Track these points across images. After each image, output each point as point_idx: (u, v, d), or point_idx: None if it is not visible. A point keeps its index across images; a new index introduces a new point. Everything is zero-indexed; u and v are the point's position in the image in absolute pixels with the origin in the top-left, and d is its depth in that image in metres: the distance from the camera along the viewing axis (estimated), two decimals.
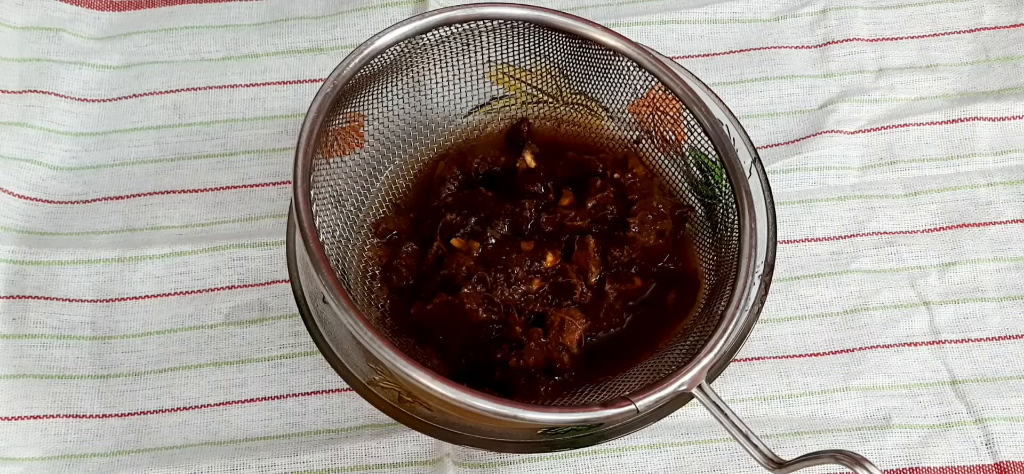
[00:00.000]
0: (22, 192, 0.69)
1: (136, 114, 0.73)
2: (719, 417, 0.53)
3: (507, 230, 0.61)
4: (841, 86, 0.73)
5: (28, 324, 0.65)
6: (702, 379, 0.53)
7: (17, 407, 0.63)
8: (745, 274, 0.56)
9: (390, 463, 0.61)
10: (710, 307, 0.58)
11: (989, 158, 0.70)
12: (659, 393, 0.52)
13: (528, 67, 0.65)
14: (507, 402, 0.51)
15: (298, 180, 0.55)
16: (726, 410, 0.53)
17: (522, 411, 0.51)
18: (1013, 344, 0.65)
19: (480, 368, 0.58)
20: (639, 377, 0.57)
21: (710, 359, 0.54)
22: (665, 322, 0.60)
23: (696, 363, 0.53)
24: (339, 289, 0.52)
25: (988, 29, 0.74)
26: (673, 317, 0.60)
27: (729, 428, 0.53)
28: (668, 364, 0.56)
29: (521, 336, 0.58)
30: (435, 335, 0.59)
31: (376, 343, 0.51)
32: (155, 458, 0.62)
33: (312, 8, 0.76)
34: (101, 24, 0.76)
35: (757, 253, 0.57)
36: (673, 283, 0.61)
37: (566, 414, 0.52)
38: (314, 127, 0.56)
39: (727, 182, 0.60)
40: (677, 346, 0.58)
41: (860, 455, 0.49)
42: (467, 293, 0.58)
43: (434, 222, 0.61)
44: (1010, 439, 0.62)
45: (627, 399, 0.52)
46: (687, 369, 0.53)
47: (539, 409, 0.52)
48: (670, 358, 0.57)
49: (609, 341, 0.60)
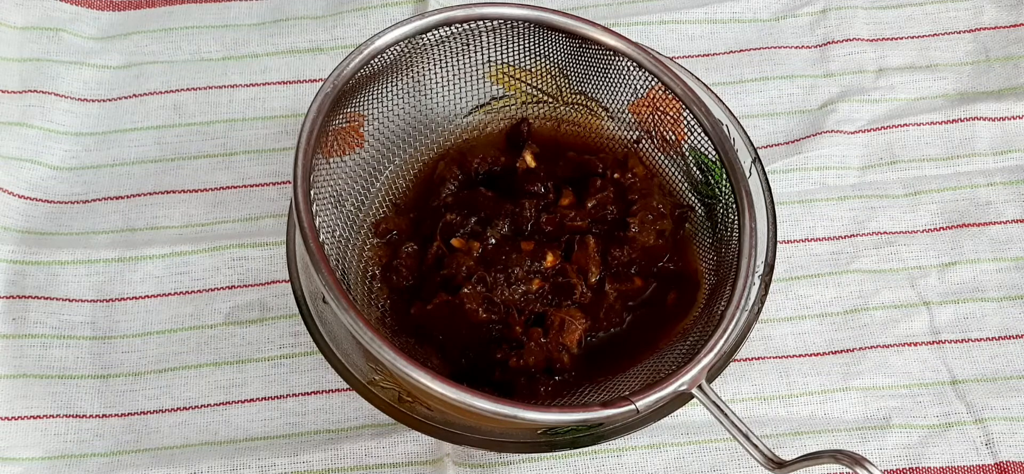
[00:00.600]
0: (22, 192, 0.69)
1: (136, 114, 0.73)
2: (719, 417, 0.53)
3: (507, 230, 0.61)
4: (841, 86, 0.73)
5: (28, 324, 0.65)
6: (702, 379, 0.53)
7: (17, 407, 0.63)
8: (745, 274, 0.56)
9: (390, 463, 0.61)
10: (710, 307, 0.58)
11: (989, 158, 0.70)
12: (659, 393, 0.52)
13: (528, 67, 0.65)
14: (507, 402, 0.51)
15: (298, 180, 0.55)
16: (726, 410, 0.53)
17: (522, 411, 0.51)
18: (1013, 344, 0.65)
19: (480, 368, 0.58)
20: (639, 377, 0.57)
21: (710, 359, 0.53)
22: (665, 322, 0.60)
23: (696, 363, 0.53)
24: (339, 289, 0.52)
25: (988, 29, 0.74)
26: (673, 317, 0.60)
27: (729, 428, 0.53)
28: (668, 364, 0.56)
29: (521, 336, 0.58)
30: (435, 335, 0.59)
31: (376, 343, 0.51)
32: (155, 458, 0.62)
33: (312, 8, 0.76)
34: (101, 24, 0.76)
35: (757, 253, 0.57)
36: (673, 283, 0.61)
37: (566, 414, 0.52)
38: (314, 127, 0.56)
39: (727, 182, 0.60)
40: (677, 346, 0.58)
41: (860, 455, 0.49)
42: (467, 293, 0.58)
43: (434, 222, 0.61)
44: (1010, 439, 0.62)
45: (627, 399, 0.52)
46: (687, 369, 0.53)
47: (539, 409, 0.52)
48: (670, 358, 0.57)
49: (609, 341, 0.60)
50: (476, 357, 0.58)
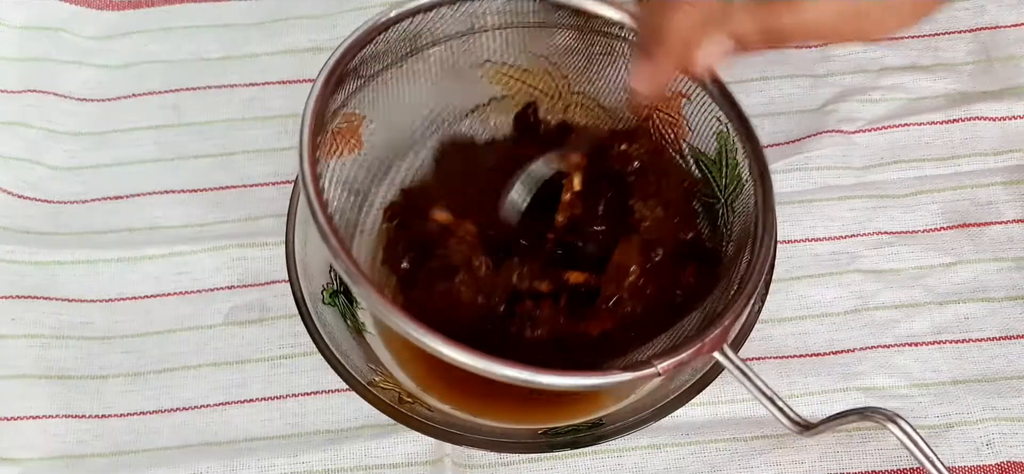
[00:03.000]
0: (22, 192, 0.69)
1: (136, 114, 0.73)
2: (743, 381, 0.52)
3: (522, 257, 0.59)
4: (841, 86, 0.73)
5: (28, 324, 0.65)
6: (725, 343, 0.52)
7: (17, 407, 0.63)
8: (765, 237, 0.55)
9: (390, 463, 0.61)
10: (727, 278, 0.57)
11: (989, 158, 0.70)
12: (681, 355, 0.51)
13: (527, 67, 0.65)
14: (530, 368, 0.48)
15: (304, 153, 0.52)
16: (750, 374, 0.52)
17: (545, 377, 0.49)
18: (1013, 344, 0.65)
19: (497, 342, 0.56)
20: (659, 346, 0.55)
21: (731, 320, 0.52)
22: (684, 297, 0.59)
23: (718, 324, 0.52)
24: (349, 258, 0.49)
25: (989, 29, 0.74)
26: (692, 294, 0.59)
27: (754, 393, 0.52)
28: (688, 332, 0.55)
29: (534, 310, 0.56)
30: (442, 326, 0.57)
31: (391, 313, 0.49)
32: (154, 458, 0.62)
33: (312, 8, 0.76)
34: (101, 24, 0.76)
35: (775, 218, 0.56)
36: (691, 258, 0.60)
37: (588, 378, 0.50)
38: (320, 102, 0.54)
39: (727, 179, 0.59)
40: (695, 315, 0.56)
41: (892, 411, 0.48)
42: (462, 280, 0.56)
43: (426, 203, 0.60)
44: (1011, 439, 0.61)
45: (648, 362, 0.51)
46: (709, 331, 0.52)
47: (560, 373, 0.49)
48: (689, 327, 0.56)
49: (626, 320, 0.59)
50: (491, 338, 0.57)
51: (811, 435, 0.51)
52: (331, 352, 0.56)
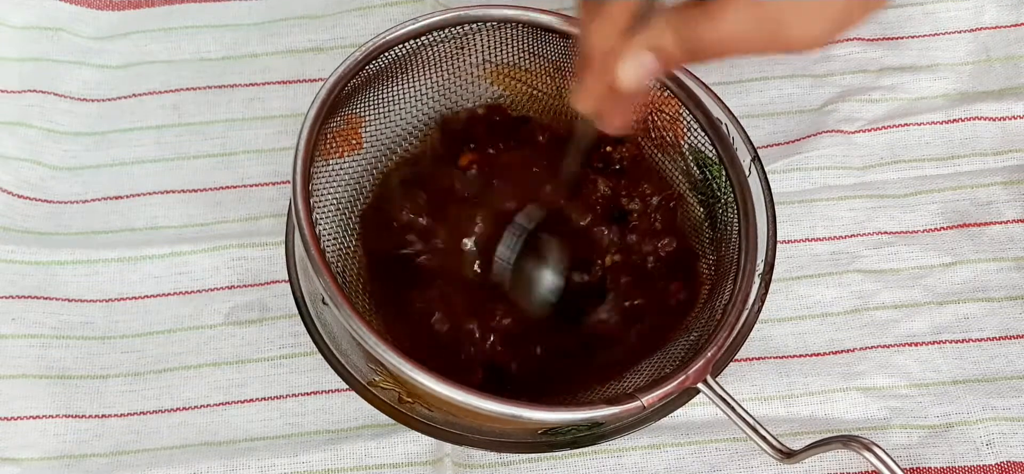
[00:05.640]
0: (22, 192, 0.69)
1: (136, 114, 0.73)
2: (726, 411, 0.53)
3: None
4: (841, 86, 0.73)
5: (28, 324, 0.65)
6: (707, 373, 0.53)
7: (17, 407, 0.63)
8: (747, 266, 0.56)
9: (390, 463, 0.61)
10: (710, 304, 0.58)
11: (989, 158, 0.70)
12: (665, 388, 0.52)
13: (527, 67, 0.65)
14: (510, 402, 0.50)
15: (297, 187, 0.54)
16: (733, 404, 0.52)
17: (527, 411, 0.51)
18: (1013, 344, 0.64)
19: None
20: (643, 373, 0.56)
21: (715, 352, 0.53)
22: (668, 318, 0.60)
23: (701, 357, 0.53)
24: (341, 293, 0.52)
25: (988, 29, 0.74)
26: (676, 312, 0.60)
27: (737, 422, 0.52)
28: (672, 360, 0.56)
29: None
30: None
31: (377, 345, 0.51)
32: (154, 458, 0.62)
33: (312, 8, 0.76)
34: (101, 24, 0.76)
35: (758, 243, 0.57)
36: (675, 274, 0.61)
37: (572, 413, 0.52)
38: (313, 132, 0.56)
39: (727, 180, 0.60)
40: (680, 342, 0.58)
41: (869, 440, 0.49)
42: (435, 315, 0.58)
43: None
44: (1011, 439, 0.61)
45: (632, 396, 0.52)
46: (692, 363, 0.53)
47: (544, 408, 0.51)
48: (673, 354, 0.57)
49: (609, 338, 0.60)
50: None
51: (793, 462, 0.51)
52: (331, 352, 0.56)
